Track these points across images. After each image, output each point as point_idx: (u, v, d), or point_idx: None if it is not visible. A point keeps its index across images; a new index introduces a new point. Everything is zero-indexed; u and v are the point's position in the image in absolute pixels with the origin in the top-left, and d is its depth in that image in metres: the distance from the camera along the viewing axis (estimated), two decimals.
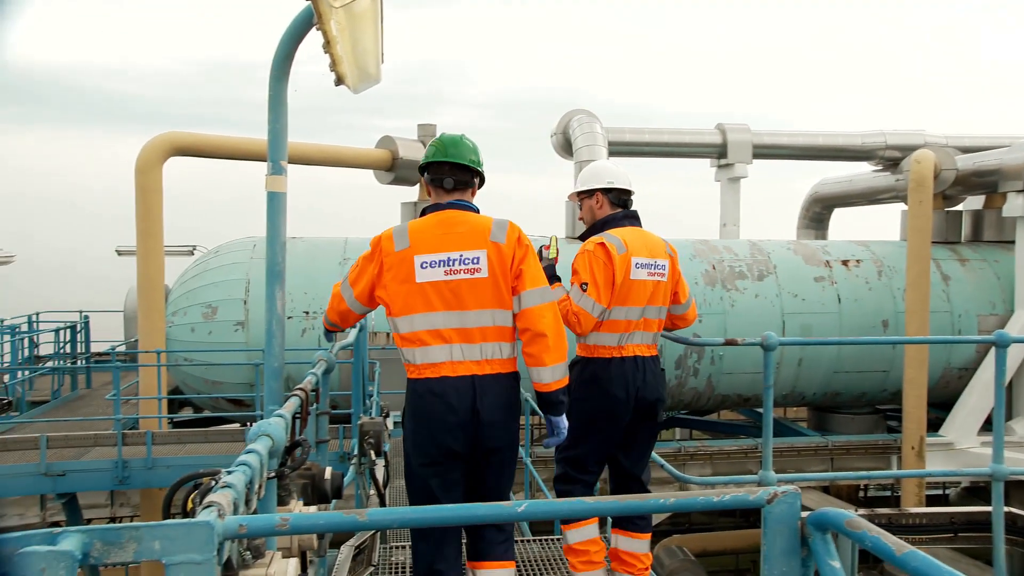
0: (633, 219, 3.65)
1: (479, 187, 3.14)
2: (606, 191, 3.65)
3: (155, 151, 9.70)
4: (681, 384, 11.73)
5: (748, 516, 14.64)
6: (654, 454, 4.46)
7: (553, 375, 2.92)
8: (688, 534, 13.19)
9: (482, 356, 2.87)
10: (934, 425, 11.66)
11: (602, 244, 3.45)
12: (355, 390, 4.50)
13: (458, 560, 2.99)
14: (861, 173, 15.44)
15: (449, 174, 3.02)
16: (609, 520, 3.94)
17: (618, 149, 13.74)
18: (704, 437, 14.26)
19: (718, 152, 14.50)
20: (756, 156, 14.41)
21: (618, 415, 3.44)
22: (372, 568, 3.57)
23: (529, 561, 4.55)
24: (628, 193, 3.69)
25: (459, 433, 2.84)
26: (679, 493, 1.72)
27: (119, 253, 14.41)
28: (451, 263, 2.85)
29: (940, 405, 12.27)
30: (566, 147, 13.54)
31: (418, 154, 12.15)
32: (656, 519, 11.43)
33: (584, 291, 3.40)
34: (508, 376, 2.95)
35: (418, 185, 12.47)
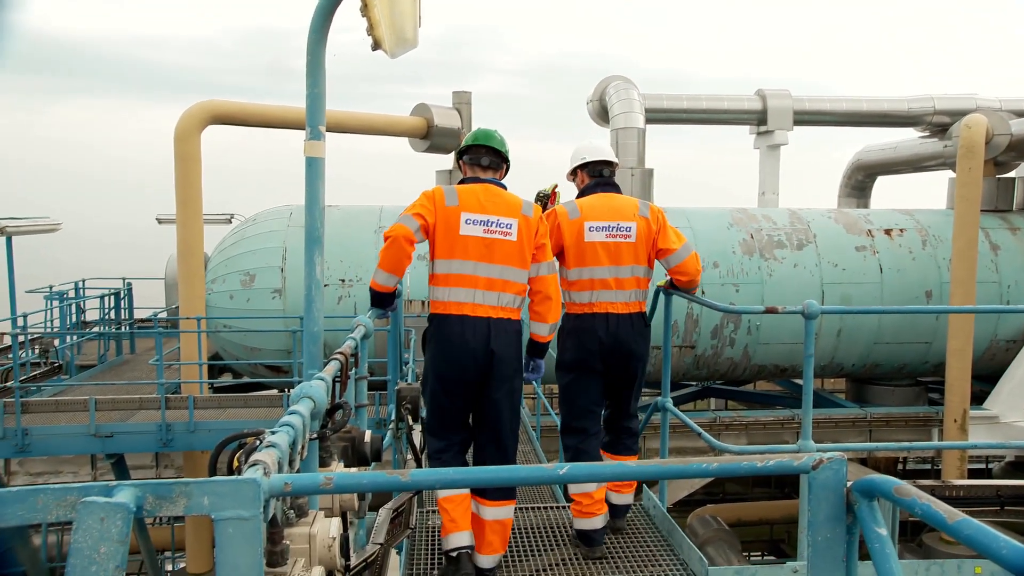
0: (606, 186, 4.05)
1: (505, 173, 3.74)
2: (583, 167, 4.11)
3: (194, 119, 9.79)
4: (717, 354, 11.64)
5: (783, 487, 14.58)
6: (690, 422, 4.47)
7: (550, 330, 3.73)
8: (722, 504, 13.18)
9: (499, 303, 3.51)
10: (978, 398, 11.43)
11: (554, 212, 3.93)
12: (392, 356, 4.54)
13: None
14: (907, 140, 15.00)
15: (486, 155, 3.65)
16: None
17: (655, 116, 13.52)
18: (739, 408, 14.18)
19: (758, 119, 14.19)
20: (797, 123, 14.08)
21: (592, 365, 3.92)
22: (410, 531, 3.63)
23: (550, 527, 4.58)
24: (604, 164, 4.10)
25: (472, 363, 3.49)
26: (722, 457, 1.71)
27: (159, 221, 14.66)
28: (489, 224, 3.47)
29: (985, 378, 12.02)
30: (602, 114, 13.37)
31: (453, 122, 12.10)
32: (690, 489, 11.50)
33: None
34: (515, 322, 3.59)
35: (453, 153, 12.43)
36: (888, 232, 12.04)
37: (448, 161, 12.51)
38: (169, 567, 12.44)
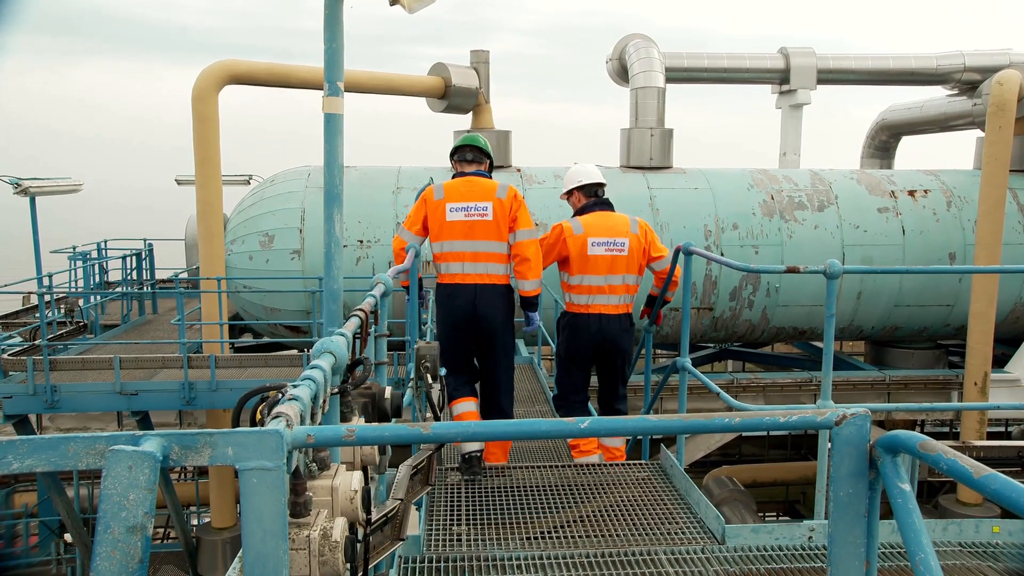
0: (602, 205, 4.84)
1: (490, 168, 4.64)
2: (579, 188, 4.89)
3: (211, 79, 9.74)
4: (735, 316, 11.59)
5: (799, 449, 14.62)
6: (709, 382, 4.48)
7: (532, 286, 4.51)
8: (738, 465, 13.25)
9: (485, 272, 4.40)
10: (999, 362, 11.34)
11: (560, 226, 4.74)
12: (411, 315, 4.56)
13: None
14: (934, 98, 14.65)
15: (470, 152, 4.61)
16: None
17: (675, 75, 13.29)
18: (757, 369, 14.17)
19: (780, 78, 13.91)
20: (820, 81, 13.78)
21: (584, 354, 4.80)
22: (429, 487, 3.68)
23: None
24: (598, 185, 4.89)
25: (463, 318, 4.44)
26: (744, 413, 1.70)
27: (178, 183, 14.69)
28: (469, 209, 4.36)
29: (1008, 341, 11.89)
30: (622, 73, 13.16)
31: (471, 81, 11.95)
32: (707, 450, 11.55)
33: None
34: (500, 286, 4.45)
35: (471, 113, 12.32)
36: (912, 193, 11.84)
37: (467, 121, 12.40)
38: (194, 521, 12.74)
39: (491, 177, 4.55)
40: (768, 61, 13.79)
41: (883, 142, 15.93)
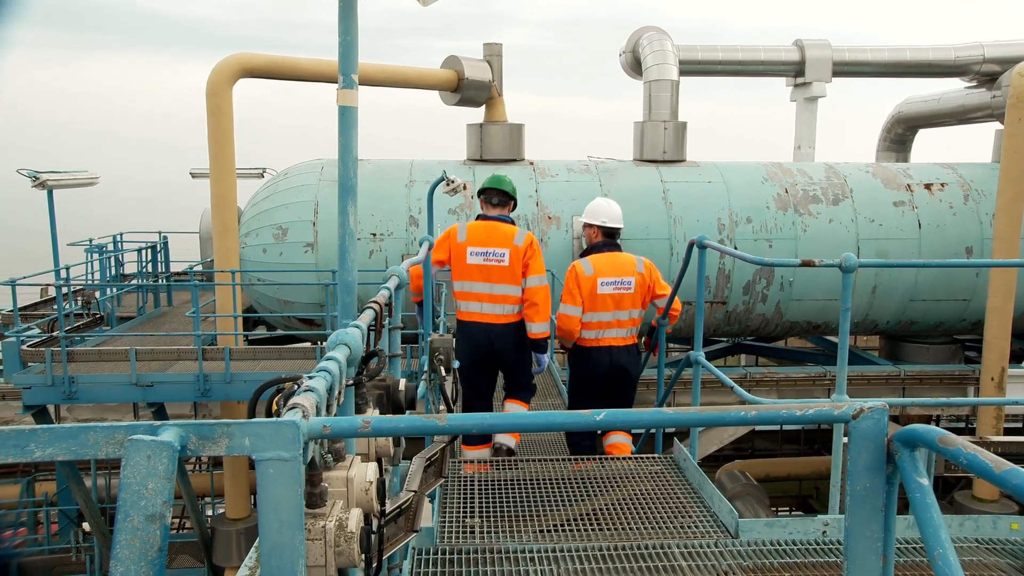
0: (612, 247, 5.20)
1: (514, 208, 5.10)
2: (600, 226, 5.21)
3: (225, 72, 9.77)
4: (748, 310, 11.54)
5: (812, 444, 14.56)
6: (722, 376, 4.48)
7: (540, 328, 4.96)
8: (751, 460, 13.22)
9: (500, 312, 4.87)
10: (1017, 357, 11.23)
11: (573, 268, 5.11)
12: (425, 308, 4.57)
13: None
14: (951, 91, 14.48)
15: (496, 195, 5.01)
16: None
17: (689, 68, 13.22)
18: (770, 364, 14.11)
19: (795, 70, 13.80)
20: (836, 74, 13.66)
21: (596, 384, 5.19)
22: (443, 479, 3.69)
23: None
24: (617, 230, 5.24)
25: (481, 353, 4.93)
26: (760, 406, 1.69)
27: (193, 176, 14.75)
28: (488, 254, 4.79)
29: None
30: (635, 66, 13.10)
31: (484, 74, 11.93)
32: (719, 444, 11.52)
33: (562, 302, 5.09)
34: (513, 324, 4.91)
35: (484, 107, 12.29)
36: (928, 187, 11.72)
37: (480, 115, 12.38)
38: (209, 512, 12.85)
39: (513, 221, 4.99)
40: (783, 53, 13.68)
41: (899, 135, 15.78)
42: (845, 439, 3.87)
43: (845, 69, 13.70)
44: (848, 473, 1.54)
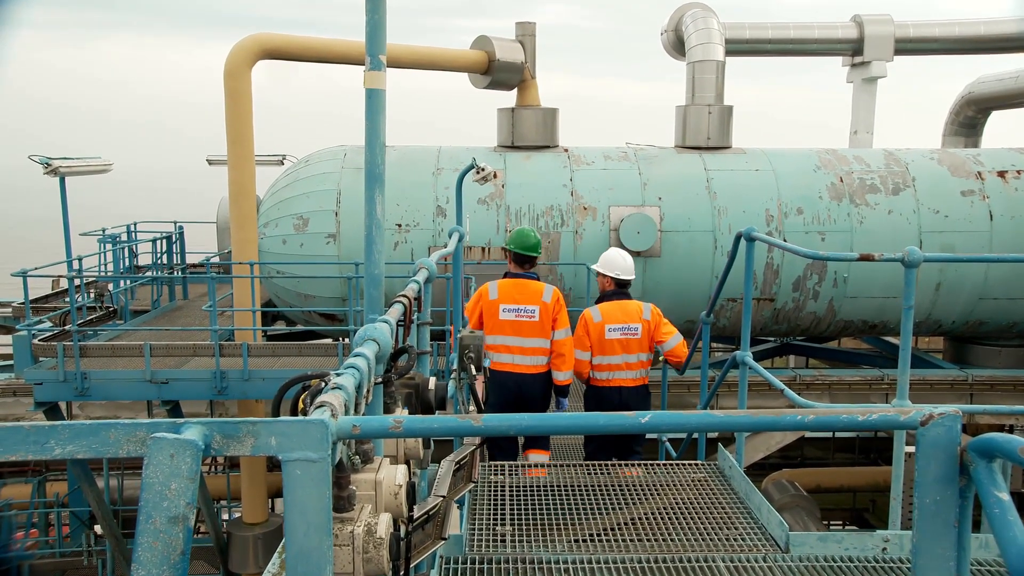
0: (622, 295, 5.86)
1: (537, 261, 5.76)
2: (612, 276, 5.88)
3: (244, 53, 9.88)
4: (798, 307, 11.40)
5: (868, 452, 14.35)
6: (771, 378, 4.45)
7: (565, 377, 5.70)
8: (800, 468, 13.08)
9: (529, 363, 5.59)
10: None
11: (584, 316, 5.82)
12: (455, 303, 4.58)
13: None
14: None
15: (528, 261, 5.68)
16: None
17: (736, 47, 13.07)
18: (821, 366, 13.93)
19: (853, 48, 13.56)
20: (898, 52, 13.39)
21: None
22: (472, 484, 3.71)
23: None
24: (628, 281, 5.90)
25: (511, 400, 5.54)
26: (817, 410, 1.67)
27: (210, 163, 14.97)
28: (519, 311, 5.50)
29: None
30: (678, 46, 12.99)
31: (516, 55, 11.92)
32: (766, 451, 11.42)
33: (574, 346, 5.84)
34: (541, 374, 5.66)
35: (515, 90, 12.29)
36: (1002, 174, 11.45)
37: (511, 98, 12.38)
38: (225, 516, 13.06)
39: (538, 277, 5.75)
40: (839, 30, 13.46)
41: (969, 118, 15.39)
42: (909, 448, 3.81)
43: (909, 46, 13.41)
44: (916, 485, 1.51)
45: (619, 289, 5.89)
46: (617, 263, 5.89)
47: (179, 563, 1.45)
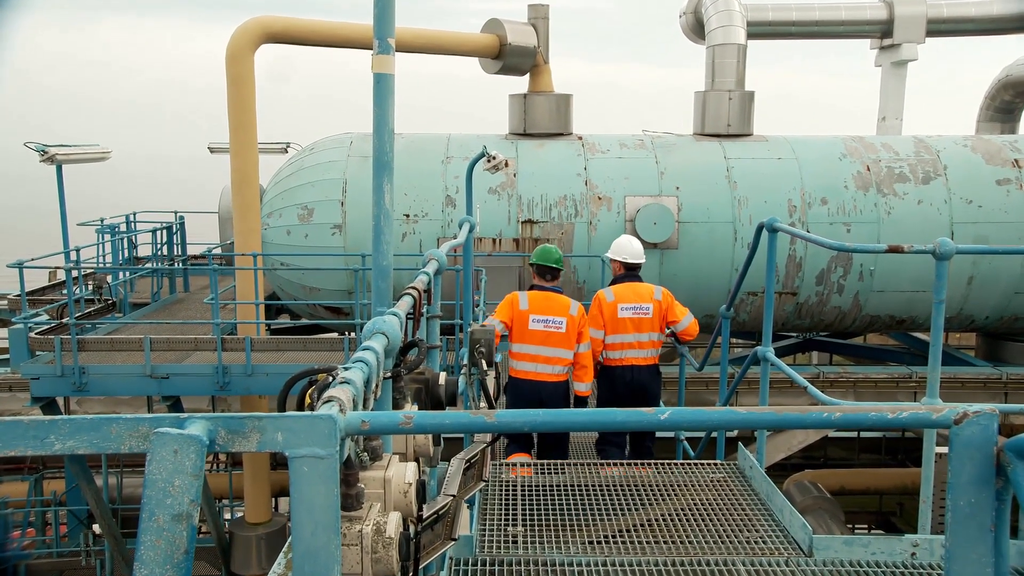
0: (632, 277, 6.29)
1: (560, 275, 6.14)
2: (623, 261, 6.32)
3: (246, 36, 9.90)
4: (822, 302, 11.35)
5: (895, 454, 14.29)
6: (794, 374, 4.44)
7: (585, 388, 6.11)
8: (823, 469, 13.03)
9: (552, 372, 5.92)
10: None
11: (597, 296, 6.23)
12: (466, 296, 4.59)
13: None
14: None
15: (549, 272, 6.02)
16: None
17: (758, 30, 13.00)
18: (846, 363, 13.87)
19: (882, 30, 13.47)
20: (931, 33, 13.28)
21: (620, 399, 6.13)
22: (483, 483, 3.72)
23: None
24: (637, 264, 6.32)
25: (531, 406, 5.38)
26: (844, 407, 1.66)
27: (211, 151, 15.02)
28: (547, 322, 5.86)
29: None
30: (697, 29, 12.93)
31: (529, 39, 11.89)
32: (787, 452, 11.39)
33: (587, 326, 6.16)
34: (562, 383, 5.99)
35: (528, 75, 12.26)
36: None
37: (524, 84, 12.36)
38: (227, 516, 13.14)
39: (562, 290, 6.11)
40: (868, 11, 13.36)
41: (1006, 103, 15.21)
42: (940, 449, 3.79)
43: (942, 27, 13.28)
44: (949, 487, 1.50)
45: (630, 272, 6.34)
46: (626, 248, 6.37)
47: (183, 562, 1.46)
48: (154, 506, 1.45)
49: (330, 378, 1.85)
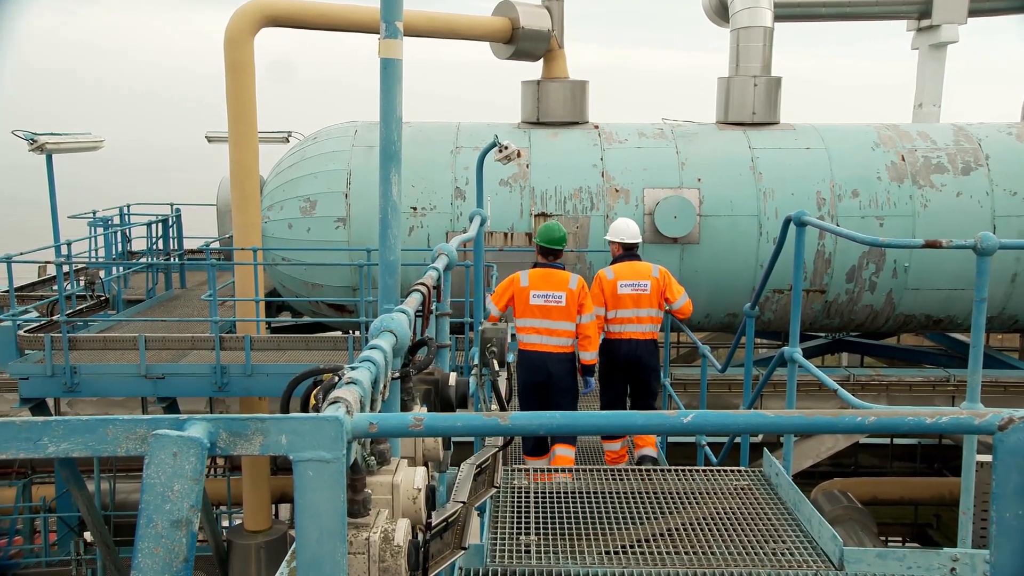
0: (631, 256, 6.96)
1: (562, 254, 6.67)
2: (620, 243, 7.01)
3: (246, 20, 9.93)
4: (853, 300, 11.30)
5: (931, 462, 14.22)
6: (824, 377, 4.43)
7: (590, 356, 6.64)
8: (854, 478, 12.99)
9: (555, 343, 6.48)
10: None
11: (598, 275, 6.93)
12: (476, 293, 4.59)
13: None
14: None
15: (552, 253, 6.57)
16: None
17: (786, 12, 12.93)
18: (878, 365, 13.81)
19: (919, 10, 13.36)
20: (973, 12, 13.14)
21: (620, 371, 6.93)
22: (494, 490, 3.72)
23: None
24: (634, 245, 7.01)
25: (539, 378, 6.51)
26: (879, 411, 1.66)
27: (209, 140, 15.08)
28: (548, 297, 6.43)
29: None
30: (721, 11, 12.87)
31: (543, 23, 11.88)
32: (815, 459, 11.35)
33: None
34: (566, 354, 6.57)
35: (542, 61, 12.25)
36: None
37: (537, 70, 12.35)
38: (225, 523, 13.22)
39: (563, 267, 6.66)
40: None
41: None
42: (981, 457, 3.76)
43: (984, 6, 13.17)
44: (993, 497, 1.49)
45: (628, 252, 7.03)
46: (622, 230, 7.10)
47: (182, 571, 1.47)
48: (152, 512, 1.46)
49: (336, 378, 1.85)
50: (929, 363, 12.79)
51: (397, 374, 2.27)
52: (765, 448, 5.11)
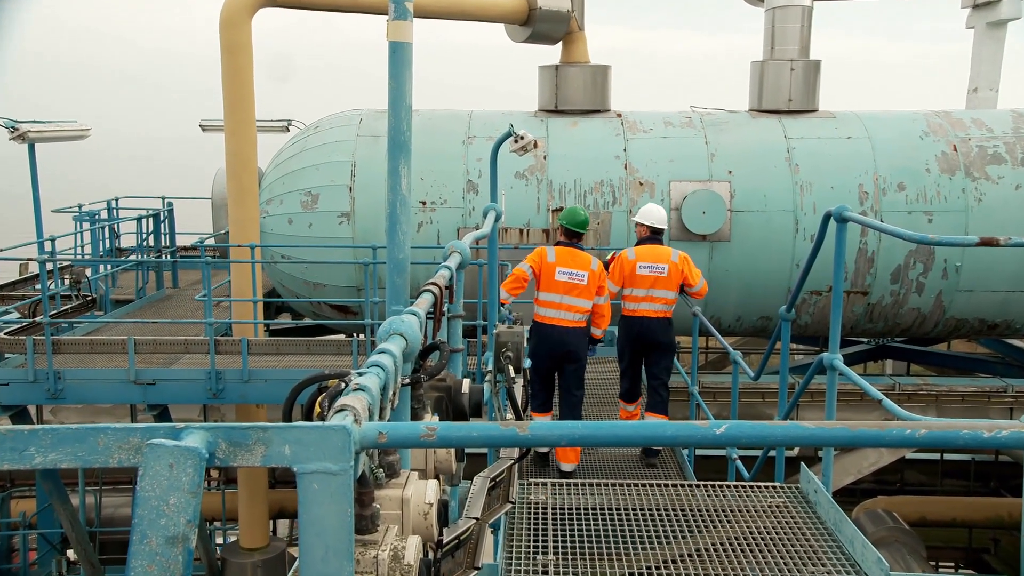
0: (655, 241, 7.82)
1: (584, 238, 7.62)
2: (647, 226, 7.87)
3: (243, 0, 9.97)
4: (898, 303, 11.24)
5: (987, 480, 14.11)
6: (867, 386, 4.42)
7: (601, 332, 7.70)
8: (900, 496, 12.90)
9: (573, 319, 7.39)
10: None
11: (621, 254, 7.86)
12: (491, 293, 4.60)
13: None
14: None
15: (575, 235, 7.49)
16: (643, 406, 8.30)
17: None
18: (927, 373, 13.72)
19: None
20: None
21: (632, 346, 7.90)
22: (509, 505, 3.73)
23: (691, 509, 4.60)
24: (660, 229, 7.88)
25: (556, 350, 7.45)
26: (930, 423, 1.65)
27: (203, 129, 15.17)
28: (571, 275, 7.32)
29: None
30: None
31: (562, 3, 11.88)
32: (857, 475, 11.30)
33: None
34: (582, 328, 7.50)
35: (560, 44, 12.25)
36: None
37: (555, 54, 12.35)
38: (219, 540, 13.28)
39: (584, 248, 7.56)
40: None
41: None
42: None
43: None
44: None
45: (653, 236, 7.86)
46: (654, 215, 7.89)
47: None
48: (146, 527, 1.47)
49: (342, 385, 1.86)
50: (983, 372, 12.71)
51: (407, 380, 2.28)
52: (802, 463, 5.09)
